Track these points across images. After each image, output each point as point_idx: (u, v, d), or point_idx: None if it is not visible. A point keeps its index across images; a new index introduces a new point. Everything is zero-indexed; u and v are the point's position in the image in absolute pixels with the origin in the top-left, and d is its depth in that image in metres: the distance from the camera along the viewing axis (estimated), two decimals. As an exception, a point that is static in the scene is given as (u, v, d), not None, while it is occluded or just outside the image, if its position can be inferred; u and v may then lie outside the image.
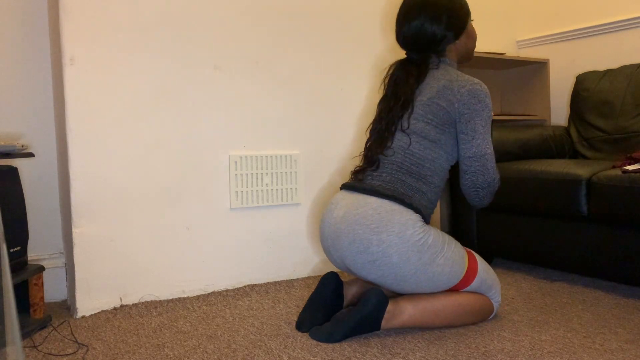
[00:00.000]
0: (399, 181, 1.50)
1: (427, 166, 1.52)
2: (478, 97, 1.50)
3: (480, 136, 1.50)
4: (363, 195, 1.50)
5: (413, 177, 1.51)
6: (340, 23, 2.22)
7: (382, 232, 1.42)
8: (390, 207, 1.45)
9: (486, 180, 1.53)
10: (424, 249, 1.43)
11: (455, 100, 1.50)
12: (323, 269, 2.22)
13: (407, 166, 1.51)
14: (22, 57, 1.89)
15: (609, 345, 1.39)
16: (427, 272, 1.44)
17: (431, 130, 1.52)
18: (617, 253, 1.80)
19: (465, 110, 1.50)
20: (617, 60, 2.68)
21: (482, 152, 1.51)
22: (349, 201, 1.52)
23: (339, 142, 2.24)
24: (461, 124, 1.51)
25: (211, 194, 1.96)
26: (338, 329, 1.44)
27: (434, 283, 1.47)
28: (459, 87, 1.51)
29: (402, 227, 1.42)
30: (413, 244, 1.42)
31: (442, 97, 1.51)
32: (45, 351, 1.42)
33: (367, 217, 1.44)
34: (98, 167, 1.76)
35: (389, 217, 1.43)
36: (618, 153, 2.35)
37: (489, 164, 1.52)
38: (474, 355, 1.34)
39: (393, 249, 1.41)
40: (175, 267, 1.90)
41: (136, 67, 1.81)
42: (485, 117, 1.51)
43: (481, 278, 1.55)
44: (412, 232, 1.42)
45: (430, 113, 1.52)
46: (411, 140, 1.52)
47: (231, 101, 1.99)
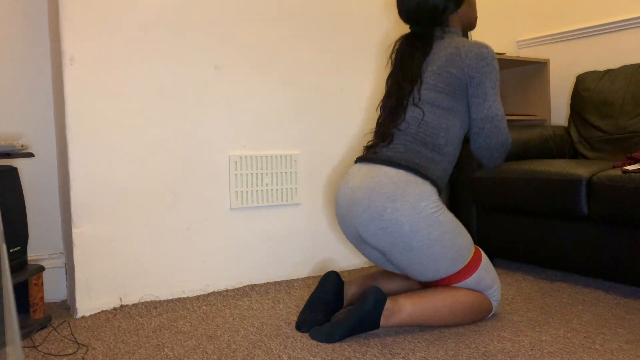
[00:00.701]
0: (414, 152, 1.52)
1: (441, 135, 1.54)
2: (486, 59, 1.53)
3: (491, 98, 1.53)
4: (379, 165, 1.52)
5: (427, 148, 1.53)
6: (340, 23, 2.22)
7: (397, 200, 1.44)
8: (407, 177, 1.47)
9: (499, 141, 1.56)
10: (434, 224, 1.45)
11: (465, 66, 1.53)
12: (323, 268, 2.22)
13: (422, 137, 1.53)
14: (22, 57, 1.89)
15: (609, 345, 1.39)
16: (433, 249, 1.46)
17: (444, 98, 1.54)
18: (617, 253, 1.80)
19: (475, 74, 1.53)
20: (617, 60, 2.68)
21: (493, 113, 1.53)
22: (365, 171, 1.54)
23: (339, 142, 2.24)
24: (472, 88, 1.54)
25: (211, 194, 1.96)
26: (337, 328, 1.44)
27: (435, 263, 1.48)
28: (466, 52, 1.53)
29: (417, 197, 1.45)
30: (425, 216, 1.44)
31: (451, 64, 1.54)
32: (45, 351, 1.42)
33: (382, 185, 1.46)
34: (98, 167, 1.76)
35: (405, 187, 1.45)
36: (618, 153, 2.35)
37: (501, 124, 1.55)
38: (474, 356, 1.34)
39: (405, 217, 1.43)
40: (175, 267, 1.90)
41: (136, 67, 1.81)
42: (494, 79, 1.54)
43: (481, 275, 1.55)
44: (425, 204, 1.45)
45: (442, 82, 1.54)
46: (424, 111, 1.54)
47: (231, 101, 1.99)
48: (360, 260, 2.31)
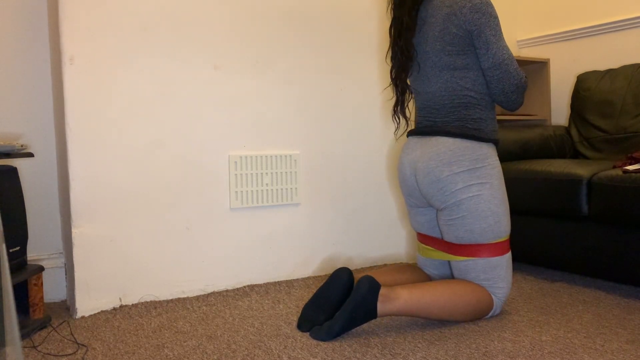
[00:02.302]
0: (462, 119, 1.60)
1: (472, 94, 1.60)
2: (480, 10, 1.55)
3: (494, 45, 1.56)
4: (436, 136, 1.61)
5: (469, 109, 1.60)
6: (340, 23, 2.22)
7: (453, 164, 1.55)
8: (463, 144, 1.57)
9: (513, 83, 1.60)
10: (487, 184, 1.56)
11: (462, 22, 1.56)
12: (323, 269, 2.22)
13: (458, 102, 1.60)
14: (22, 57, 1.89)
15: (610, 345, 1.39)
16: (478, 207, 1.55)
17: (456, 59, 1.59)
18: (618, 253, 1.80)
19: (473, 27, 1.56)
20: (617, 60, 2.68)
21: (499, 59, 1.57)
22: (422, 143, 1.64)
23: (339, 142, 2.24)
24: (475, 40, 1.58)
25: (211, 194, 1.96)
26: (335, 321, 1.45)
27: (474, 222, 1.55)
28: (460, 8, 1.56)
29: (472, 162, 1.56)
30: (479, 176, 1.55)
31: (450, 23, 1.57)
32: (45, 351, 1.42)
33: (440, 154, 1.57)
34: (98, 167, 1.76)
35: (462, 153, 1.56)
36: (619, 153, 2.35)
37: (511, 67, 1.58)
38: (474, 356, 1.34)
39: (460, 177, 1.55)
40: (175, 267, 1.90)
41: (136, 67, 1.81)
42: (493, 25, 1.56)
43: (501, 262, 1.58)
44: (481, 165, 1.56)
45: (449, 44, 1.58)
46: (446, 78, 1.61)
47: (231, 101, 1.99)
48: (360, 261, 2.31)
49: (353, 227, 2.28)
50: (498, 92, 1.61)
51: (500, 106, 1.67)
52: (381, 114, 2.33)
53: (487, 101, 1.63)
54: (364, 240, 2.31)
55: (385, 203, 2.36)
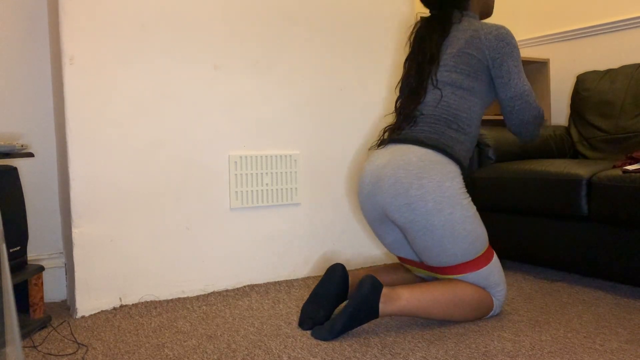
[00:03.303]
0: (439, 132, 1.56)
1: (463, 116, 1.58)
2: (505, 40, 1.56)
3: (516, 76, 1.56)
4: (406, 144, 1.56)
5: (451, 128, 1.56)
6: (340, 23, 2.22)
7: (423, 177, 1.48)
8: (434, 156, 1.51)
9: (532, 114, 1.59)
10: (457, 205, 1.48)
11: (485, 48, 1.56)
12: (323, 268, 2.22)
13: (445, 118, 1.57)
14: (22, 57, 1.89)
15: (609, 345, 1.39)
16: (454, 228, 1.48)
17: (465, 79, 1.58)
18: (617, 253, 1.80)
19: (497, 55, 1.56)
20: (617, 60, 2.68)
21: (521, 90, 1.57)
22: (391, 150, 1.58)
23: (339, 142, 2.24)
24: (495, 69, 1.58)
25: (211, 194, 1.96)
26: (337, 320, 1.45)
27: (453, 245, 1.50)
28: (485, 34, 1.57)
29: (442, 177, 1.49)
30: (449, 196, 1.48)
31: (471, 46, 1.57)
32: (45, 351, 1.42)
33: (410, 163, 1.50)
34: (98, 167, 1.76)
35: (432, 166, 1.49)
36: (618, 153, 2.35)
37: (530, 98, 1.58)
38: (474, 356, 1.34)
39: (431, 195, 1.47)
40: (175, 267, 1.90)
41: (136, 67, 1.81)
42: (516, 56, 1.57)
43: (491, 270, 1.56)
44: (450, 184, 1.49)
45: (462, 63, 1.58)
46: (445, 93, 1.58)
47: (231, 101, 1.99)
48: (360, 261, 2.31)
49: (353, 227, 2.28)
50: (517, 123, 1.61)
51: (518, 137, 1.67)
52: (381, 113, 2.33)
53: (473, 130, 1.60)
54: (363, 239, 2.31)
55: (385, 203, 2.35)
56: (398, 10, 2.35)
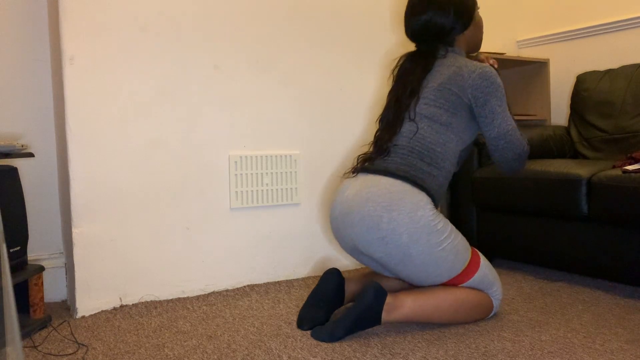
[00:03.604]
0: (410, 164, 1.53)
1: (438, 150, 1.55)
2: (489, 79, 1.54)
3: (499, 116, 1.54)
4: (376, 175, 1.53)
5: (424, 162, 1.54)
6: (340, 22, 2.22)
7: (393, 210, 1.44)
8: (402, 187, 1.48)
9: (516, 152, 1.58)
10: (433, 231, 1.45)
11: (467, 86, 1.54)
12: (323, 268, 2.22)
13: (418, 150, 1.54)
14: (22, 57, 1.89)
15: (609, 345, 1.39)
16: (433, 255, 1.46)
17: (443, 114, 1.55)
18: (617, 253, 1.80)
19: (479, 94, 1.53)
20: (617, 60, 2.68)
21: (504, 130, 1.55)
22: (360, 181, 1.55)
23: (339, 142, 2.24)
24: (478, 108, 1.55)
25: (211, 194, 1.96)
26: (339, 325, 1.45)
27: (437, 268, 1.48)
28: (469, 72, 1.54)
29: (413, 207, 1.45)
30: (423, 225, 1.44)
31: (453, 82, 1.55)
32: (45, 351, 1.42)
33: (379, 195, 1.47)
34: (98, 167, 1.76)
35: (401, 197, 1.46)
36: (618, 153, 2.35)
37: (514, 137, 1.56)
38: (474, 356, 1.34)
39: (403, 227, 1.43)
40: (175, 267, 1.90)
41: (136, 67, 1.81)
42: (500, 95, 1.55)
43: (483, 273, 1.56)
44: (422, 213, 1.45)
45: (442, 98, 1.55)
46: (422, 126, 1.56)
47: (231, 101, 1.99)
48: (360, 260, 2.31)
49: (353, 227, 2.28)
50: (501, 160, 1.60)
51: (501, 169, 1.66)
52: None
53: (447, 165, 1.56)
54: (363, 240, 2.31)
55: (385, 203, 2.35)
56: (399, 10, 2.35)
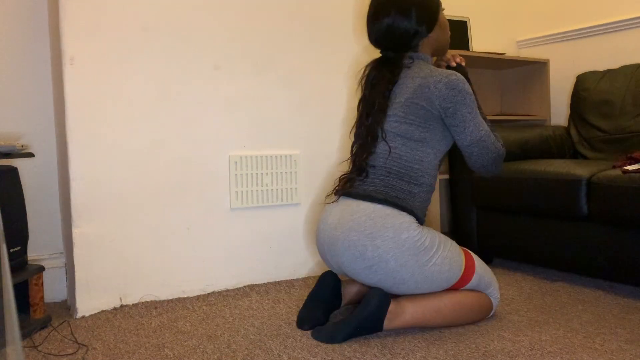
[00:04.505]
0: (389, 186, 1.51)
1: (415, 167, 1.52)
2: (456, 87, 1.49)
3: (471, 123, 1.51)
4: (356, 200, 1.51)
5: (403, 181, 1.51)
6: (340, 23, 2.22)
7: (376, 237, 1.42)
8: (384, 211, 1.45)
9: (491, 157, 1.55)
10: (420, 251, 1.43)
11: (435, 97, 1.49)
12: (323, 268, 2.22)
13: (396, 170, 1.52)
14: (22, 57, 1.89)
15: (609, 345, 1.39)
16: (425, 273, 1.45)
17: (415, 130, 1.52)
18: (617, 253, 1.80)
19: (448, 104, 1.49)
20: (617, 60, 2.68)
21: (477, 137, 1.52)
22: (342, 207, 1.53)
23: (339, 142, 2.24)
24: (448, 119, 1.51)
25: (211, 194, 1.96)
26: (340, 330, 1.44)
27: (432, 283, 1.47)
28: (435, 82, 1.49)
29: (396, 231, 1.42)
30: (408, 247, 1.42)
31: (419, 96, 1.51)
32: (45, 351, 1.42)
33: (360, 223, 1.45)
34: (98, 167, 1.76)
35: (382, 222, 1.43)
36: (618, 153, 2.35)
37: (487, 143, 1.53)
38: (474, 356, 1.34)
39: (389, 254, 1.42)
40: (175, 267, 1.90)
41: (136, 67, 1.81)
42: (469, 103, 1.51)
43: (479, 275, 1.55)
44: (407, 235, 1.43)
45: (411, 114, 1.52)
46: (395, 145, 1.53)
47: (231, 101, 1.99)
48: (360, 260, 2.31)
49: (353, 227, 2.28)
50: (477, 166, 1.58)
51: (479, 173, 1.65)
52: (381, 114, 2.33)
53: (427, 180, 1.54)
54: (363, 240, 2.31)
55: (385, 203, 2.36)
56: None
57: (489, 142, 1.54)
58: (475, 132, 1.51)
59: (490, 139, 1.54)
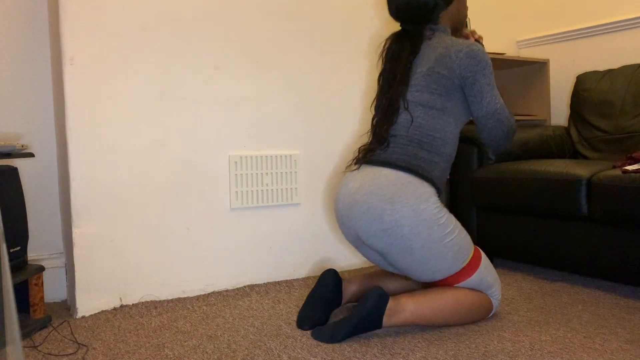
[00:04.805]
0: (411, 154, 1.52)
1: (437, 136, 1.54)
2: (476, 57, 1.52)
3: (488, 94, 1.54)
4: (378, 167, 1.52)
5: (424, 150, 1.53)
6: (340, 23, 2.22)
7: (396, 202, 1.44)
8: (406, 178, 1.47)
9: (504, 131, 1.58)
10: (434, 225, 1.45)
11: (456, 67, 1.52)
12: (323, 268, 2.22)
13: (417, 139, 1.54)
14: (22, 57, 1.89)
15: (609, 345, 1.39)
16: (433, 249, 1.46)
17: (436, 99, 1.54)
18: (617, 253, 1.80)
19: (468, 74, 1.52)
20: (617, 60, 2.68)
21: (492, 109, 1.54)
22: (364, 174, 1.54)
23: (339, 142, 2.24)
24: (467, 88, 1.54)
25: (211, 194, 1.96)
26: (340, 328, 1.45)
27: (436, 263, 1.48)
28: (456, 52, 1.52)
29: (416, 200, 1.45)
30: (425, 219, 1.44)
31: (441, 65, 1.53)
32: (45, 351, 1.42)
33: (382, 187, 1.47)
34: (98, 167, 1.76)
35: (404, 189, 1.45)
36: (618, 153, 2.35)
37: (502, 116, 1.56)
38: (474, 355, 1.34)
39: (405, 220, 1.43)
40: (175, 267, 1.90)
41: (136, 67, 1.81)
42: (488, 74, 1.54)
43: (481, 275, 1.55)
44: (425, 206, 1.45)
45: (433, 83, 1.54)
46: (417, 114, 1.55)
47: (231, 101, 1.99)
48: (360, 260, 2.31)
49: (353, 227, 2.28)
50: (489, 139, 1.60)
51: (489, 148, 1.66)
52: (381, 114, 2.33)
53: (448, 150, 1.56)
54: (363, 240, 2.31)
55: (385, 203, 2.36)
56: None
57: (504, 115, 1.56)
58: (492, 104, 1.54)
59: (505, 112, 1.57)
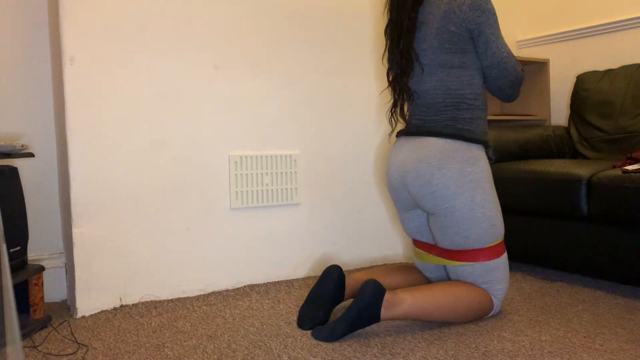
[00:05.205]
0: (452, 118, 1.57)
1: (467, 93, 1.58)
2: (479, 7, 1.54)
3: (493, 44, 1.56)
4: (425, 137, 1.59)
5: (462, 110, 1.58)
6: (340, 23, 2.22)
7: (444, 167, 1.53)
8: (453, 145, 1.54)
9: (510, 80, 1.61)
10: (479, 189, 1.54)
11: (461, 21, 1.54)
12: (323, 268, 2.22)
13: (450, 102, 1.58)
14: (22, 57, 1.89)
15: (609, 345, 1.39)
16: (472, 212, 1.53)
17: (453, 57, 1.57)
18: (617, 253, 1.80)
19: (473, 26, 1.54)
20: (617, 60, 2.68)
21: (498, 58, 1.57)
22: (411, 145, 1.61)
23: (339, 142, 2.24)
24: (475, 39, 1.57)
25: (211, 194, 1.96)
26: (339, 324, 1.45)
27: (469, 228, 1.53)
28: (459, 5, 1.54)
29: (463, 164, 1.53)
30: (471, 180, 1.53)
31: (448, 21, 1.55)
32: (45, 351, 1.42)
33: (430, 156, 1.54)
34: (98, 167, 1.76)
35: (452, 155, 1.53)
36: (618, 153, 2.35)
37: (508, 65, 1.58)
38: (474, 355, 1.34)
39: (452, 181, 1.52)
40: (175, 267, 1.90)
41: (136, 67, 1.81)
42: (492, 23, 1.56)
43: (499, 264, 1.58)
44: (472, 169, 1.53)
45: (447, 42, 1.56)
46: (440, 77, 1.58)
47: (231, 101, 1.99)
48: (360, 261, 2.31)
49: (352, 227, 2.28)
50: (495, 88, 1.63)
51: (496, 97, 1.69)
52: (381, 113, 2.33)
53: (481, 102, 1.61)
54: (363, 240, 2.31)
55: (384, 203, 2.36)
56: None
57: (509, 64, 1.58)
58: (497, 54, 1.56)
59: (511, 61, 1.59)
